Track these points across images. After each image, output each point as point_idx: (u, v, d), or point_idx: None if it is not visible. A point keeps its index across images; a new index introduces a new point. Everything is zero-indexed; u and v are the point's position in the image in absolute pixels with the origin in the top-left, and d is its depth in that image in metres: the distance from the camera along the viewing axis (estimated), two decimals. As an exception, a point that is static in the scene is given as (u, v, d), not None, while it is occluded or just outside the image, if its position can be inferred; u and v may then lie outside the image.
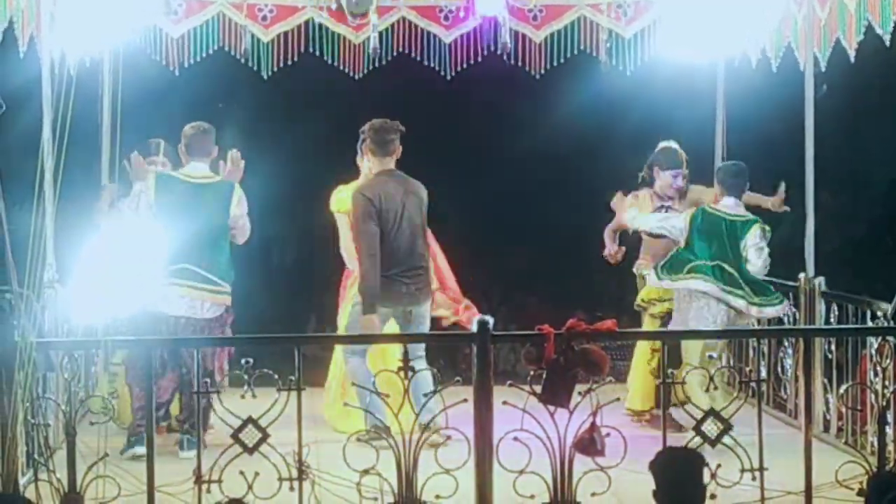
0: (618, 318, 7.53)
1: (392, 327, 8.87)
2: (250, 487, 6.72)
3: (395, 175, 8.90)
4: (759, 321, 9.06)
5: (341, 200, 9.22)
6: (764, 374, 9.42)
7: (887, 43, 8.41)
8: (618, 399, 7.05)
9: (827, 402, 9.05)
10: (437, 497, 6.86)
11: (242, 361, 7.22)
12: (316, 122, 15.09)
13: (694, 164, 9.89)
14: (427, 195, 8.98)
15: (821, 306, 9.19)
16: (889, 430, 7.63)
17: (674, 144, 9.59)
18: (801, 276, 9.33)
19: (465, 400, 6.95)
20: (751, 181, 9.15)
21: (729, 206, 8.96)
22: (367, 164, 9.09)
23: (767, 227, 8.94)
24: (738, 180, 9.05)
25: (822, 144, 9.38)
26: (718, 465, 6.86)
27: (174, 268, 8.38)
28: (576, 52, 10.31)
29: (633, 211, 9.31)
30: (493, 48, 10.10)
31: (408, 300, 8.82)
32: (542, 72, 10.35)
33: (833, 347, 8.93)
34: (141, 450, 7.56)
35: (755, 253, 8.83)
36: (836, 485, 7.05)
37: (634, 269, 9.67)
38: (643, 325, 9.54)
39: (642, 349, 9.43)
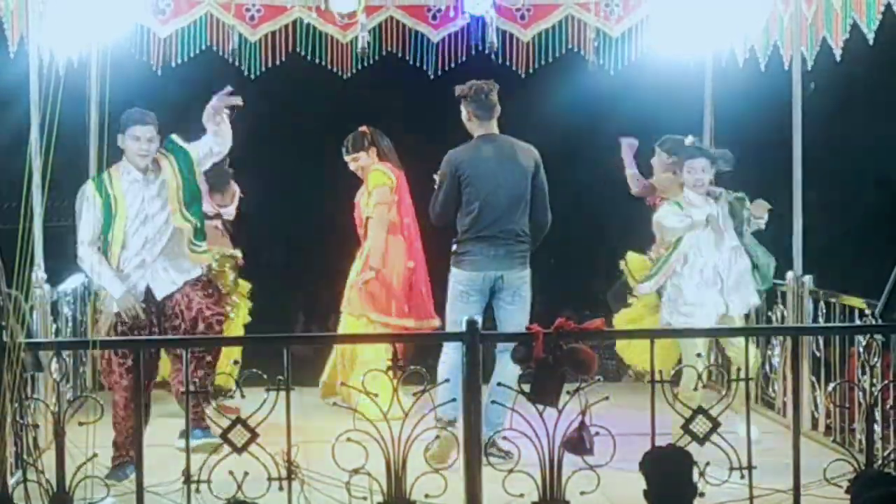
0: (606, 318, 7.53)
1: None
2: (239, 487, 6.71)
3: (496, 140, 8.63)
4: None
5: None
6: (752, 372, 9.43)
7: (870, 41, 8.44)
8: (606, 398, 7.05)
9: (815, 400, 9.07)
10: (427, 496, 6.86)
11: (231, 361, 7.24)
12: (303, 122, 15.06)
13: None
14: (536, 162, 8.60)
15: (808, 304, 9.21)
16: (877, 428, 7.65)
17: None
18: (789, 274, 9.35)
19: (454, 399, 6.96)
20: (738, 180, 9.15)
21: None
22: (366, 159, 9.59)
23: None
24: None
25: (810, 143, 9.40)
26: (707, 464, 6.87)
27: None
28: (563, 51, 10.34)
29: None
30: (480, 47, 10.11)
31: (496, 264, 8.51)
32: (530, 71, 10.36)
33: (821, 345, 8.95)
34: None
35: None
36: (824, 482, 7.07)
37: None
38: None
39: None
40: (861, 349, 8.04)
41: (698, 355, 8.11)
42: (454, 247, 8.66)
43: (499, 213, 8.50)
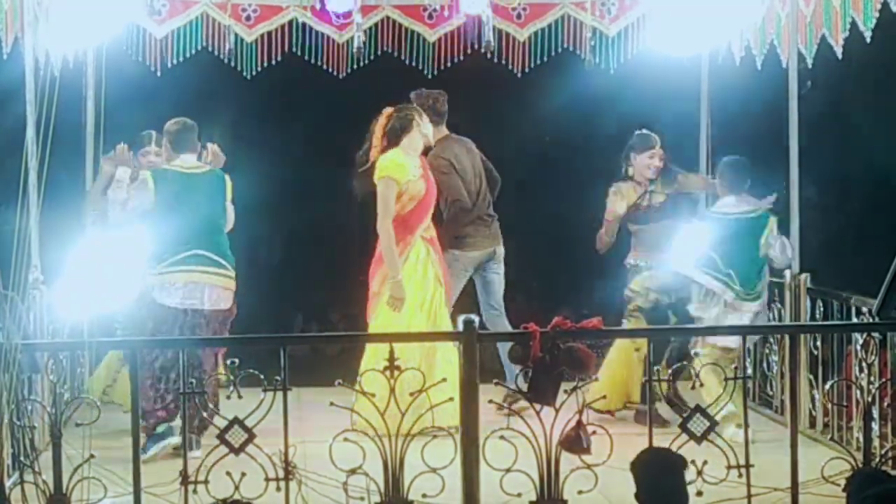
0: (603, 317, 7.53)
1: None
2: (237, 488, 6.71)
3: (457, 139, 9.75)
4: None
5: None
6: (749, 370, 9.43)
7: (868, 39, 8.44)
8: (604, 397, 7.04)
9: (813, 399, 9.06)
10: (424, 496, 6.86)
11: (228, 362, 7.23)
12: (300, 122, 15.06)
13: (678, 162, 9.90)
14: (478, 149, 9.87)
15: (806, 303, 9.20)
16: (874, 426, 7.64)
17: (646, 130, 9.70)
18: (787, 272, 9.34)
19: (451, 399, 6.96)
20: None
21: (730, 203, 9.11)
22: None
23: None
24: (740, 175, 9.19)
25: (807, 141, 9.39)
26: (705, 462, 6.86)
27: (183, 255, 8.46)
28: (559, 50, 10.33)
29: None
30: (476, 47, 10.11)
31: (491, 241, 9.71)
32: (526, 70, 10.36)
33: (818, 344, 8.94)
34: (174, 440, 8.01)
35: (780, 245, 9.12)
36: (822, 481, 7.06)
37: (627, 263, 9.71)
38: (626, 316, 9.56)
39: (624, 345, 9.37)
40: (858, 347, 8.04)
41: (695, 354, 8.11)
42: (454, 231, 9.62)
43: (479, 197, 9.70)
